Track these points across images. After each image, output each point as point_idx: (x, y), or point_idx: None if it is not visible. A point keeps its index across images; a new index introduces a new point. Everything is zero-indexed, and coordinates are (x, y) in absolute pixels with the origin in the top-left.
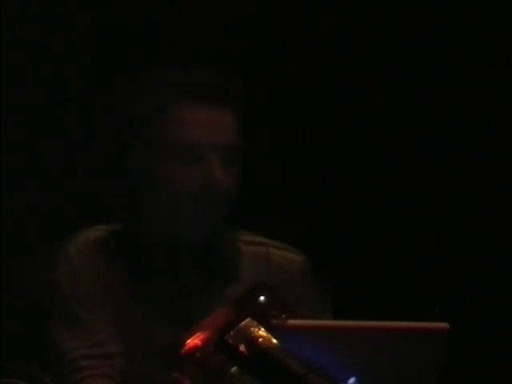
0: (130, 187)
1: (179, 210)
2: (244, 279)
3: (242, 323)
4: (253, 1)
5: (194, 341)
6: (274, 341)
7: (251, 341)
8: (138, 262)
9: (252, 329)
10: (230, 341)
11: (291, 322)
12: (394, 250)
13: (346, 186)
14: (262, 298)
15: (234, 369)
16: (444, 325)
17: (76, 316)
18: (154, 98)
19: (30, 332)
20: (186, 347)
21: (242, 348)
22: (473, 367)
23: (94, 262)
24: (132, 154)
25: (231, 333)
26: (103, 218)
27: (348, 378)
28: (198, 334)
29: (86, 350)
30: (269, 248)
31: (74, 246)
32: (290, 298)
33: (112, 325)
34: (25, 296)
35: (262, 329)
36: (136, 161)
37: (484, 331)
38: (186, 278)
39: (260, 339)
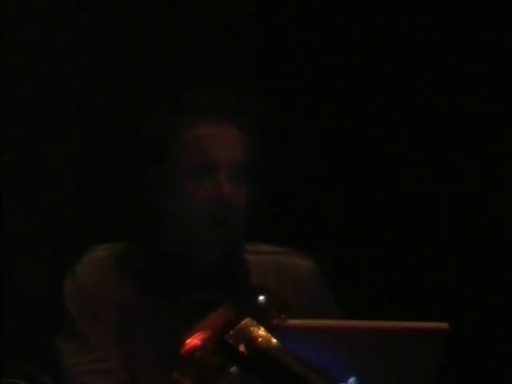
0: (145, 201)
1: (191, 225)
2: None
3: (242, 323)
4: (253, 1)
5: (193, 341)
6: (274, 341)
7: (251, 341)
8: (151, 277)
9: (252, 329)
10: (230, 341)
11: (291, 321)
12: (394, 249)
13: (346, 186)
14: (261, 297)
15: (233, 369)
16: (444, 325)
17: (77, 332)
18: (167, 118)
19: (29, 332)
20: (186, 347)
21: (241, 348)
22: (473, 367)
23: (103, 278)
24: (147, 170)
25: (231, 333)
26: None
27: (348, 377)
28: (197, 334)
29: (86, 365)
30: (276, 256)
31: (80, 264)
32: (304, 304)
33: (120, 341)
34: (25, 296)
35: (262, 329)
36: (151, 176)
37: (484, 331)
38: (199, 293)
39: (260, 339)
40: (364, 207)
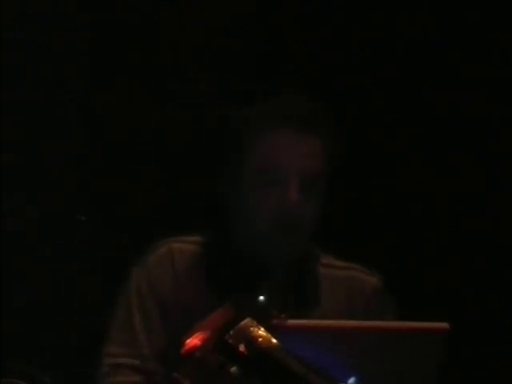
0: (220, 202)
1: (258, 231)
2: (323, 303)
3: (242, 323)
4: (253, 1)
5: (193, 341)
6: (274, 341)
7: (251, 341)
8: (221, 275)
9: (252, 329)
10: (230, 341)
11: (291, 321)
12: (394, 249)
13: (345, 185)
14: (261, 297)
15: (233, 369)
16: (444, 325)
17: (132, 323)
18: (241, 125)
19: (29, 332)
20: (186, 347)
21: (241, 348)
22: (473, 367)
23: (174, 273)
24: (224, 172)
25: (231, 333)
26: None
27: (348, 377)
28: (197, 334)
29: (128, 358)
30: (347, 271)
31: (154, 255)
32: (367, 319)
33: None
34: (25, 296)
35: (262, 329)
36: (224, 182)
37: (484, 331)
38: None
39: (260, 339)
40: (364, 207)
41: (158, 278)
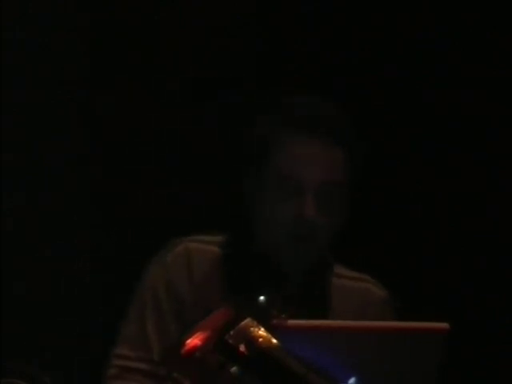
0: (243, 205)
1: (275, 238)
2: (334, 313)
3: (242, 323)
4: (253, 1)
5: (193, 341)
6: (274, 341)
7: (251, 341)
8: (239, 277)
9: (252, 329)
10: (230, 341)
11: (291, 321)
12: (394, 249)
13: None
14: (261, 297)
15: (233, 369)
16: (444, 325)
17: (144, 326)
18: (266, 131)
19: (29, 332)
20: (186, 347)
21: (241, 348)
22: (473, 367)
23: (191, 273)
24: (246, 177)
25: (231, 333)
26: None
27: (348, 377)
28: (198, 334)
29: (136, 362)
30: (359, 283)
31: (173, 254)
32: None
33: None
34: (25, 296)
35: (262, 329)
36: (248, 185)
37: (484, 331)
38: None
39: (260, 339)
40: (364, 207)
41: (174, 277)
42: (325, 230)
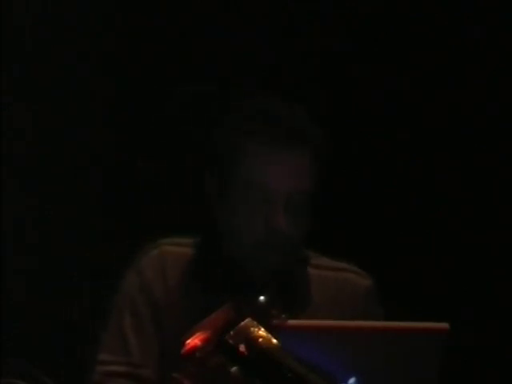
0: (206, 206)
1: (244, 245)
2: (312, 304)
3: (242, 323)
4: (253, 1)
5: (193, 341)
6: (274, 341)
7: (251, 341)
8: (212, 278)
9: (252, 329)
10: (230, 341)
11: (291, 321)
12: (394, 249)
13: (345, 185)
14: (261, 297)
15: (233, 369)
16: (444, 325)
17: (123, 330)
18: (229, 135)
19: (29, 332)
20: (186, 347)
21: (241, 348)
22: (473, 367)
23: (166, 276)
24: (208, 180)
25: (231, 333)
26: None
27: (348, 377)
28: (198, 334)
29: (118, 366)
30: (338, 273)
31: (147, 258)
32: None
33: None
34: (25, 296)
35: (262, 329)
36: (210, 187)
37: (484, 331)
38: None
39: (260, 339)
40: (364, 207)
41: (149, 281)
42: (294, 235)
